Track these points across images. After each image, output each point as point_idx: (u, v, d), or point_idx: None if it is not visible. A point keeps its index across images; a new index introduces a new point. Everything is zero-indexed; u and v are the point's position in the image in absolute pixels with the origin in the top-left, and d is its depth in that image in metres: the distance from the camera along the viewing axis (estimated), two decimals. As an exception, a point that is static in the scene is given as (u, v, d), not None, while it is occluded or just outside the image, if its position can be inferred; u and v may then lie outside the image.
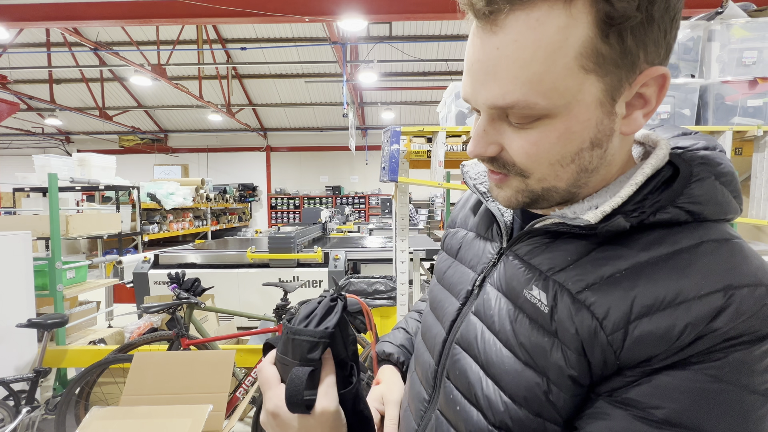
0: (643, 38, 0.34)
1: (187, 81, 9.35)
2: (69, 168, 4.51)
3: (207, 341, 2.28)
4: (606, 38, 0.34)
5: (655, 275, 0.36)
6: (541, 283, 0.42)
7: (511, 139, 0.40)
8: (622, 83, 0.36)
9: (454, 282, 0.54)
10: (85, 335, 3.01)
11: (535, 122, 0.38)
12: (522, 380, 0.41)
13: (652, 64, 0.36)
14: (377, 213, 12.16)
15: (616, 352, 0.36)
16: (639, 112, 0.38)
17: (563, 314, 0.39)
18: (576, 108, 0.36)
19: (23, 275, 2.46)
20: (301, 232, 4.02)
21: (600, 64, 0.35)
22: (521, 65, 0.35)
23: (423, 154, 2.17)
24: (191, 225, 7.99)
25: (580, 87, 0.35)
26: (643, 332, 0.35)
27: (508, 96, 0.36)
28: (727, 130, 1.93)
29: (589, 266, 0.39)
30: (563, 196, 0.42)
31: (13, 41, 7.24)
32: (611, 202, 0.39)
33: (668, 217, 0.38)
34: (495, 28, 0.35)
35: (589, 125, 0.37)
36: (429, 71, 9.36)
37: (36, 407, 2.11)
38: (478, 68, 0.38)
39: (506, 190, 0.44)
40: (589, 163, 0.40)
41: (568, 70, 0.35)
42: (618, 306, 0.36)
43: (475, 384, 0.45)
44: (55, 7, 5.00)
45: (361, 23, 5.17)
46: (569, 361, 0.38)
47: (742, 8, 1.93)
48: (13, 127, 11.47)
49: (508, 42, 0.35)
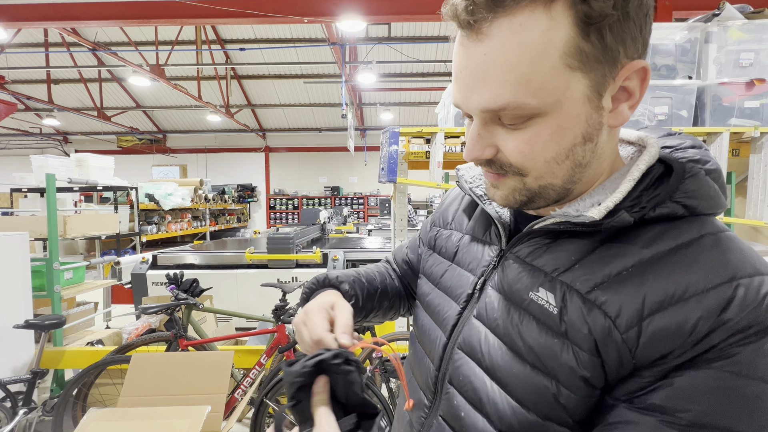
0: (621, 34, 0.36)
1: (186, 81, 9.33)
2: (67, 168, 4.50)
3: (205, 342, 2.27)
4: (587, 37, 0.35)
5: (662, 271, 0.37)
6: (548, 285, 0.42)
7: (505, 141, 0.40)
8: (606, 78, 0.37)
9: (453, 286, 0.54)
10: (82, 336, 2.99)
11: (528, 122, 0.38)
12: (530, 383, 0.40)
13: (631, 58, 0.38)
14: (376, 214, 12.14)
15: (631, 350, 0.36)
16: (624, 104, 0.40)
17: (574, 315, 0.39)
18: (565, 105, 0.37)
19: (21, 276, 2.45)
20: (300, 232, 4.02)
21: (584, 62, 0.36)
22: (509, 68, 0.36)
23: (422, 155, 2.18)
24: (190, 225, 7.97)
25: (567, 84, 0.37)
26: (656, 328, 0.35)
27: (499, 99, 0.37)
28: (724, 132, 1.94)
29: (595, 265, 0.40)
30: (559, 193, 0.43)
31: (11, 41, 7.21)
32: (613, 197, 0.40)
33: (667, 211, 0.39)
34: (480, 35, 0.37)
35: (579, 121, 0.38)
36: (428, 72, 9.37)
37: (33, 409, 2.10)
38: (467, 75, 0.39)
39: (503, 189, 0.44)
40: (583, 158, 0.41)
41: (554, 69, 0.36)
42: (630, 304, 0.36)
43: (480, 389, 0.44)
44: (53, 7, 4.99)
45: (360, 24, 5.18)
46: (581, 362, 0.38)
47: (738, 10, 1.94)
48: (11, 128, 11.43)
49: (494, 47, 0.36)
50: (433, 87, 9.53)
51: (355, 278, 0.65)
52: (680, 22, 2.00)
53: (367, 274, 0.69)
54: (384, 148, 2.07)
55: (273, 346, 2.21)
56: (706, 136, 2.00)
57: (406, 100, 10.93)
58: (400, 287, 0.72)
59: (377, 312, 0.68)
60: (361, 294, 0.64)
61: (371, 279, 0.68)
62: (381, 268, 0.74)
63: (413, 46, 8.28)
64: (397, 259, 0.76)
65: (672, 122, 2.00)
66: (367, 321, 0.68)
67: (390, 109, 11.16)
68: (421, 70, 9.33)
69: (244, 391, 2.10)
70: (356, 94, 10.54)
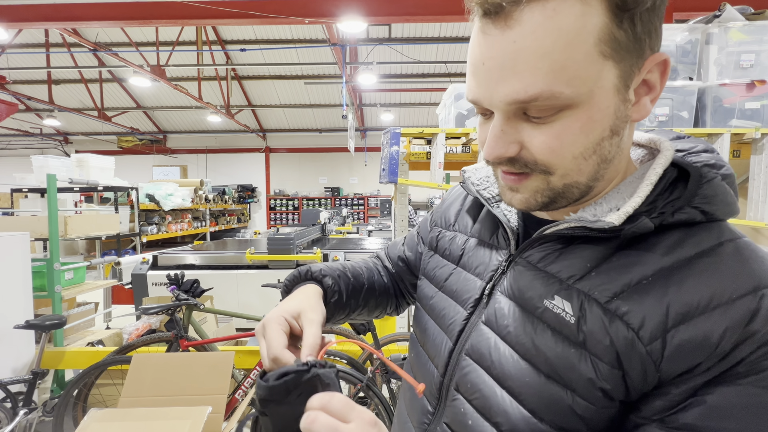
0: (648, 25, 0.35)
1: (187, 82, 9.34)
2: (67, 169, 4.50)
3: (206, 343, 2.27)
4: (621, 24, 0.34)
5: (685, 280, 0.35)
6: (564, 293, 0.40)
7: (531, 136, 0.38)
8: (633, 69, 0.37)
9: (459, 290, 0.52)
10: (83, 337, 2.99)
11: (557, 114, 0.37)
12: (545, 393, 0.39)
13: (653, 50, 0.37)
14: (376, 214, 12.15)
15: (656, 363, 0.35)
16: (646, 98, 0.39)
17: (594, 325, 0.37)
18: (597, 95, 0.36)
19: (21, 276, 2.45)
20: (300, 233, 4.02)
21: (616, 50, 0.35)
22: (542, 55, 0.34)
23: (422, 155, 2.18)
24: (190, 226, 7.98)
25: (600, 73, 0.35)
26: (682, 340, 0.34)
27: (531, 88, 0.35)
28: (725, 133, 1.94)
29: (613, 273, 0.38)
30: (582, 192, 0.41)
31: (12, 41, 7.23)
32: (632, 202, 0.38)
33: (686, 217, 0.38)
34: (510, 21, 0.35)
35: (609, 113, 0.37)
36: (428, 73, 9.38)
37: (33, 409, 2.10)
38: (492, 65, 0.37)
39: (524, 192, 0.42)
40: (609, 153, 0.39)
41: (589, 57, 0.34)
42: (653, 315, 0.35)
43: (490, 397, 0.43)
44: (54, 8, 5.00)
45: (361, 25, 5.18)
46: (601, 374, 0.37)
47: (739, 11, 1.95)
48: (12, 128, 11.44)
49: (525, 34, 0.34)
50: (434, 88, 9.53)
51: (340, 273, 0.61)
52: (681, 23, 2.00)
53: (354, 269, 0.65)
54: (385, 148, 2.07)
55: (273, 346, 2.21)
56: (707, 138, 2.00)
57: (406, 101, 10.94)
58: (389, 284, 0.69)
59: (362, 310, 0.64)
60: (345, 290, 0.60)
61: (357, 275, 0.64)
62: (369, 263, 0.70)
63: (414, 47, 8.29)
64: (392, 256, 0.72)
65: (673, 123, 2.00)
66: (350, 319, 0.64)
67: (390, 109, 11.17)
68: (421, 70, 9.34)
69: (244, 391, 2.10)
70: (357, 94, 10.55)
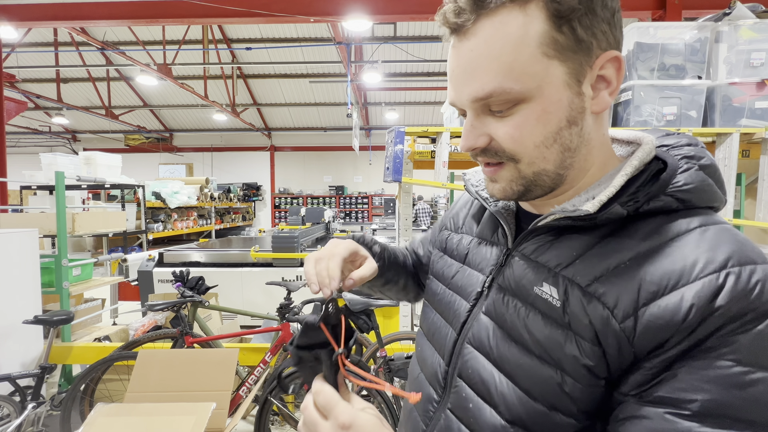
0: (591, 28, 0.41)
1: (193, 81, 9.39)
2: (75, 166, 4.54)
3: (210, 339, 2.29)
4: (560, 29, 0.40)
5: (657, 262, 0.39)
6: (551, 279, 0.44)
7: (496, 128, 0.44)
8: (583, 66, 0.42)
9: (464, 285, 0.56)
10: (90, 332, 3.03)
11: (515, 108, 0.43)
12: (537, 374, 0.42)
13: (604, 50, 0.42)
14: (380, 213, 12.16)
15: (629, 339, 0.37)
16: (605, 92, 0.44)
17: (575, 307, 0.41)
18: (546, 90, 0.41)
19: (30, 272, 2.48)
20: (305, 231, 4.03)
21: (559, 50, 0.41)
22: (493, 59, 0.41)
23: (427, 154, 2.17)
24: (195, 224, 8.02)
25: (546, 71, 0.41)
26: (651, 317, 0.36)
27: (486, 86, 0.42)
28: (734, 132, 1.92)
29: (595, 259, 0.42)
30: (554, 180, 0.46)
31: (21, 41, 7.30)
32: (606, 191, 0.43)
33: (661, 204, 0.42)
34: (468, 35, 0.42)
35: (562, 105, 0.42)
36: (433, 72, 9.35)
37: (41, 403, 2.13)
38: (458, 72, 0.44)
39: (501, 182, 0.47)
40: (570, 142, 0.44)
41: (533, 57, 0.41)
42: (626, 294, 0.38)
43: (488, 381, 0.46)
44: (62, 7, 5.05)
45: (366, 24, 5.18)
46: (584, 351, 0.40)
47: (750, 9, 1.92)
48: (21, 126, 11.58)
49: (480, 43, 0.42)
50: (439, 87, 9.51)
51: (385, 246, 0.71)
52: (690, 21, 1.97)
53: (394, 249, 0.74)
54: (389, 147, 2.07)
55: (277, 344, 2.23)
56: (716, 137, 1.98)
57: (411, 100, 10.92)
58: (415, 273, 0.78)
59: (393, 286, 0.72)
60: (387, 261, 0.69)
61: (397, 254, 0.74)
62: (403, 249, 0.80)
63: (419, 45, 8.27)
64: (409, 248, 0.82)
65: (681, 123, 1.97)
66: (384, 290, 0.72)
67: (395, 108, 11.16)
68: (426, 69, 9.32)
69: (248, 388, 2.11)
70: (361, 93, 10.55)
